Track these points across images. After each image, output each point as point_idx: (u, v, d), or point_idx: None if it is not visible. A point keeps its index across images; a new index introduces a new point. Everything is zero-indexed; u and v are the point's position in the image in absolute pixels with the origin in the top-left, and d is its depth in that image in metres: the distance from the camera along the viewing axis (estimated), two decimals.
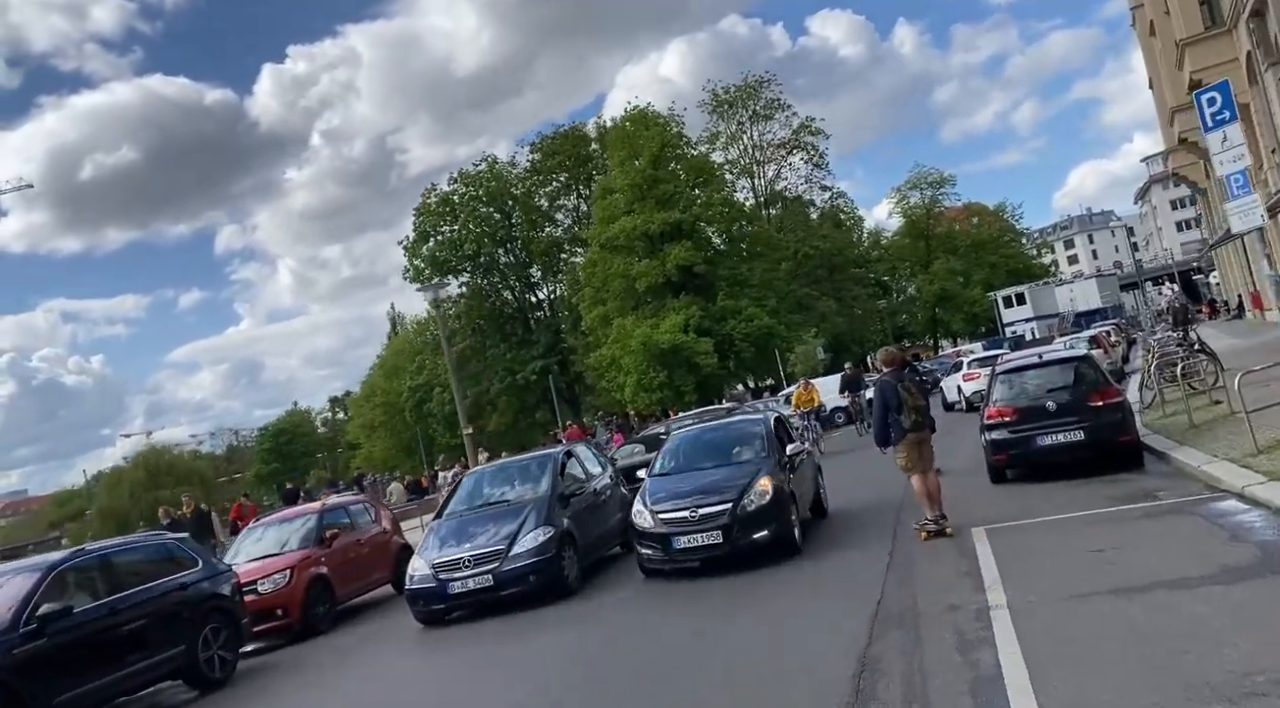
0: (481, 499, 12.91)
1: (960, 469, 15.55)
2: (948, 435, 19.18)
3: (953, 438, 19.93)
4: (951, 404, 31.00)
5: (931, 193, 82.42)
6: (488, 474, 13.79)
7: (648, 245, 52.23)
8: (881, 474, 15.53)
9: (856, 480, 17.68)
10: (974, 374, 28.94)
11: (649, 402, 49.67)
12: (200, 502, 27.77)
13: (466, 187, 64.68)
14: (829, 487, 15.09)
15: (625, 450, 24.46)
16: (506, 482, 13.20)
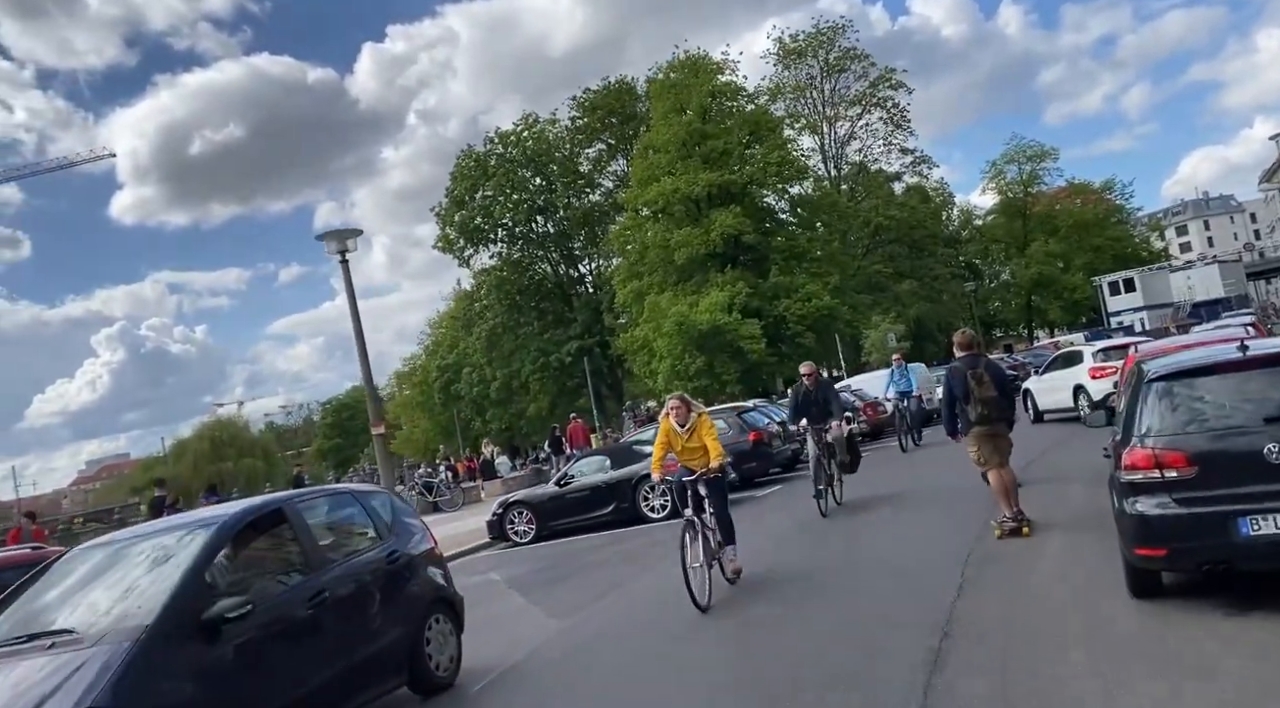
0: (34, 622, 6.01)
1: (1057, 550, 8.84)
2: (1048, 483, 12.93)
3: (1053, 482, 13.31)
4: (1043, 413, 22.77)
5: (1031, 168, 73.77)
6: (96, 559, 6.75)
7: (691, 211, 45.34)
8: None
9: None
10: (1106, 369, 19.60)
11: (684, 390, 42.89)
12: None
13: (505, 147, 58.53)
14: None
15: (585, 465, 17.75)
16: (118, 575, 6.32)
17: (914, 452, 21.13)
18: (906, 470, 17.82)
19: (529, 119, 59.09)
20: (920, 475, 16.73)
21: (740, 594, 9.20)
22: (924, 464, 18.13)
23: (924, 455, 19.67)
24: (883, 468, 18.05)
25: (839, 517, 13.30)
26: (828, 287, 43.91)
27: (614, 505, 16.71)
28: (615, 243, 47.70)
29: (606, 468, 17.05)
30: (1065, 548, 8.83)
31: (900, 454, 20.40)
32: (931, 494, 14.00)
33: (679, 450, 9.68)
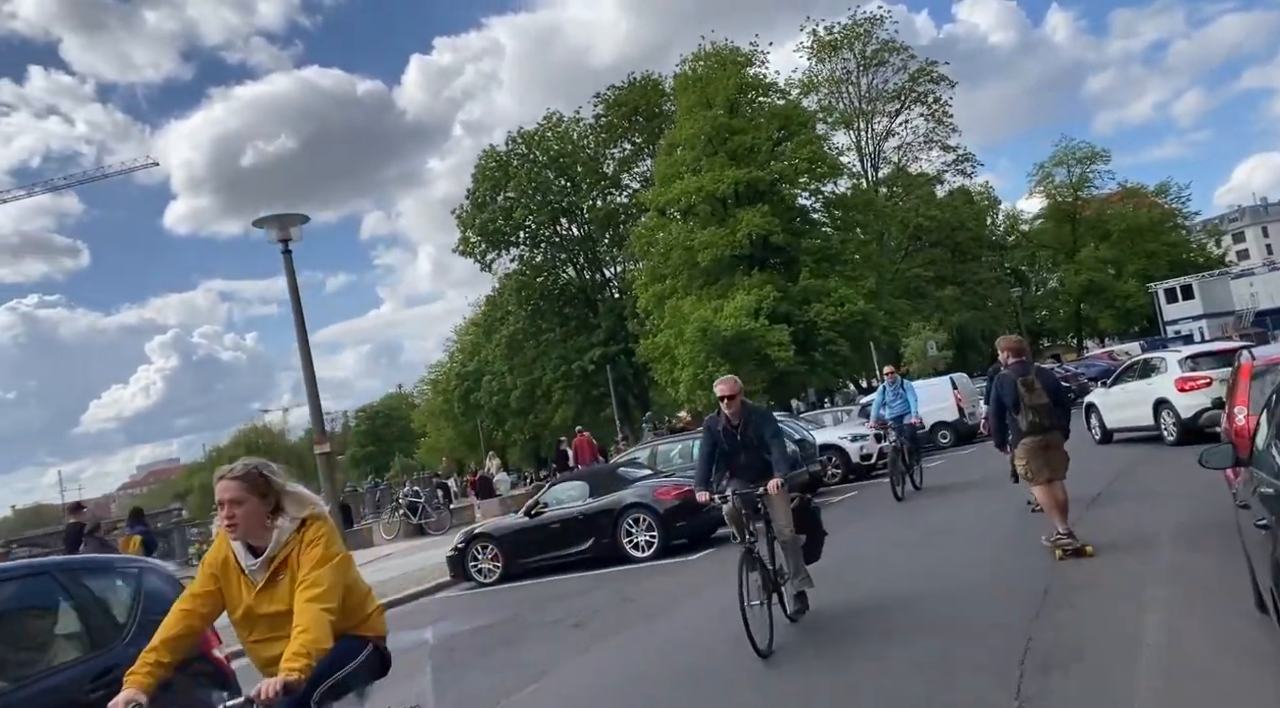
0: None
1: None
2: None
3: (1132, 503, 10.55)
4: (1112, 431, 19.24)
5: (1080, 170, 70.21)
6: None
7: (716, 210, 42.70)
8: None
9: None
10: (1199, 380, 16.28)
11: (708, 401, 40.11)
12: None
13: (529, 148, 56.26)
14: None
15: (561, 491, 15.18)
16: None
17: (914, 499, 15.92)
18: (906, 537, 12.16)
19: (552, 118, 56.85)
20: (933, 549, 10.90)
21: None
22: (934, 526, 12.78)
23: (930, 506, 14.81)
24: (870, 534, 12.95)
25: (786, 662, 7.16)
26: (862, 291, 41.01)
27: (592, 541, 14.12)
28: (637, 244, 45.11)
29: (585, 496, 14.45)
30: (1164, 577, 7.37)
31: (895, 505, 15.43)
32: (966, 597, 8.12)
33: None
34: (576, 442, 28.54)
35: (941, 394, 27.09)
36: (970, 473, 18.52)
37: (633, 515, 13.89)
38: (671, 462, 17.21)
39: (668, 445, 17.91)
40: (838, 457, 20.76)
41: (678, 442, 17.92)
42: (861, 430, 21.46)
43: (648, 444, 18.92)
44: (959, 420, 26.67)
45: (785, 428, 19.63)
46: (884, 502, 16.18)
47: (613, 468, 15.58)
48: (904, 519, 13.98)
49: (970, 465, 20.49)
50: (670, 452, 17.51)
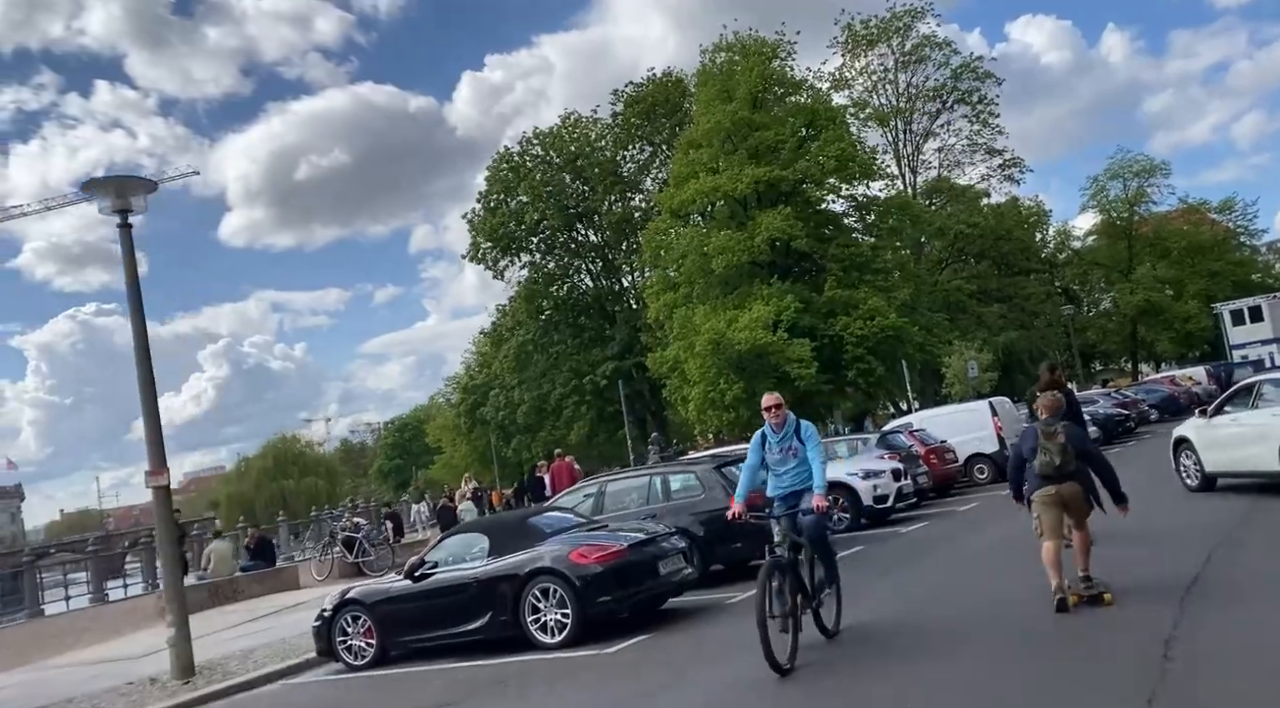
0: None
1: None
2: None
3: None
4: (1213, 476, 14.02)
5: (1137, 184, 65.54)
6: None
7: (736, 212, 38.95)
8: None
9: None
10: None
11: (719, 423, 36.36)
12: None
13: (545, 149, 52.93)
14: None
15: (455, 545, 11.40)
16: None
17: (927, 532, 12.51)
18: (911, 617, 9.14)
19: (569, 118, 53.44)
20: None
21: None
22: (942, 595, 10.00)
23: (942, 566, 11.32)
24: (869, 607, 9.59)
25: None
26: (895, 303, 36.95)
27: (488, 618, 10.34)
28: (647, 249, 41.39)
29: (482, 554, 10.70)
30: None
31: (908, 557, 12.18)
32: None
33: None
34: (555, 467, 24.74)
35: (979, 421, 23.12)
36: (1005, 522, 14.58)
37: (541, 585, 10.12)
38: (624, 505, 13.45)
39: (621, 483, 14.10)
40: (846, 497, 16.85)
41: (639, 477, 14.12)
42: (877, 464, 17.56)
43: (595, 480, 15.12)
44: (999, 452, 22.59)
45: None
46: (900, 556, 12.40)
47: (524, 516, 11.75)
48: (908, 588, 10.13)
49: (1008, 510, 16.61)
50: (625, 492, 13.74)
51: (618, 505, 13.47)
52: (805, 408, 36.31)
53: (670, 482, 13.22)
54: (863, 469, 17.03)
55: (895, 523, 16.89)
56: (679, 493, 13.08)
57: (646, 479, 13.52)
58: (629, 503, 13.46)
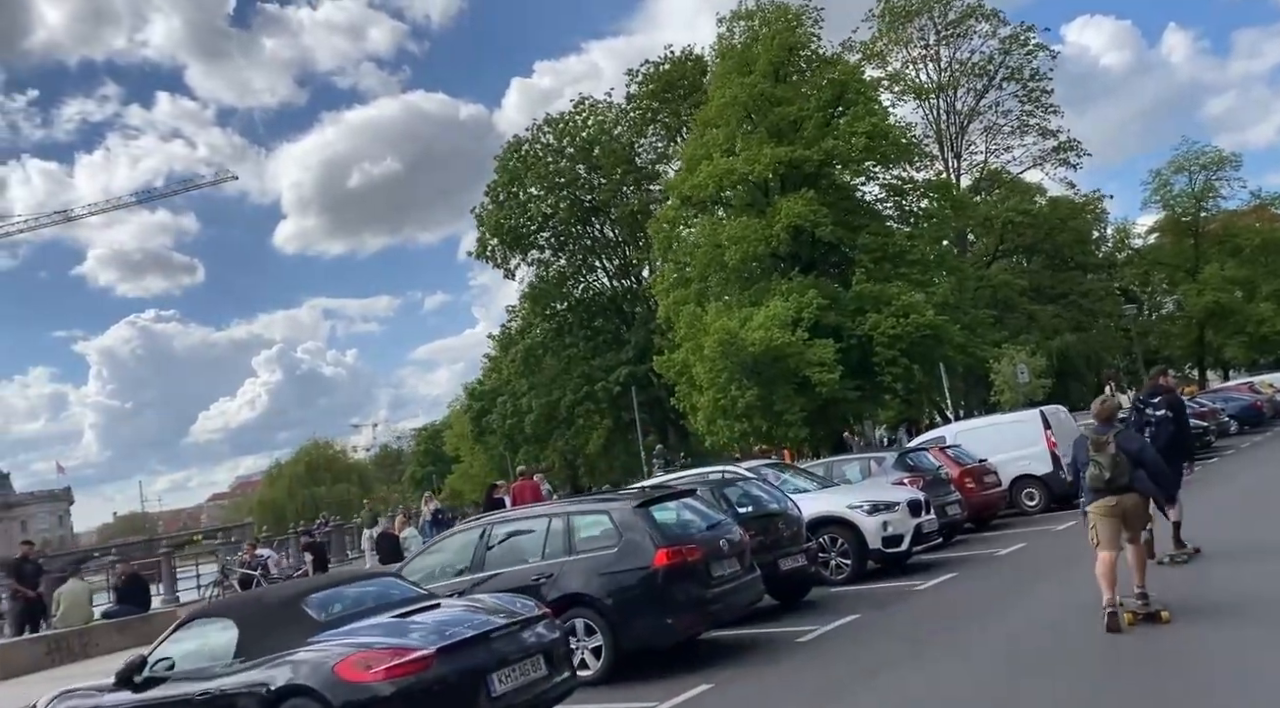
0: None
1: None
2: None
3: None
4: None
5: (1205, 177, 60.30)
6: None
7: (755, 197, 34.88)
8: None
9: None
10: None
11: (729, 434, 32.20)
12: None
13: (558, 138, 49.25)
14: None
15: (188, 643, 7.39)
16: None
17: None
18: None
19: (582, 103, 49.68)
20: None
21: None
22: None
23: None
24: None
25: None
26: (932, 299, 32.58)
27: None
28: (656, 240, 37.36)
29: (228, 653, 6.78)
30: None
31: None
32: None
33: None
34: (516, 488, 20.80)
35: (1028, 435, 18.73)
36: (1063, 573, 10.55)
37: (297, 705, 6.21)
38: (512, 559, 9.41)
39: (511, 526, 9.99)
40: (846, 538, 12.70)
41: (536, 518, 10.03)
42: (889, 493, 13.38)
43: (478, 520, 10.99)
44: (1053, 474, 18.26)
45: (746, 489, 11.76)
46: (903, 636, 8.37)
47: (297, 594, 7.57)
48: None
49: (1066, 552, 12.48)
50: (515, 540, 9.63)
51: (504, 560, 9.45)
52: (829, 418, 32.16)
53: (574, 526, 9.19)
54: (869, 500, 12.84)
55: (911, 572, 12.73)
56: (587, 543, 9.07)
57: (545, 522, 9.48)
58: (518, 556, 9.45)
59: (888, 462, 15.73)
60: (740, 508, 11.28)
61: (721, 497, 11.01)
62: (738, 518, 10.75)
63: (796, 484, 14.13)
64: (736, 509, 10.97)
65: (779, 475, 14.28)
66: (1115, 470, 8.03)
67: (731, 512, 10.85)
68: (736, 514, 10.85)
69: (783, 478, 14.16)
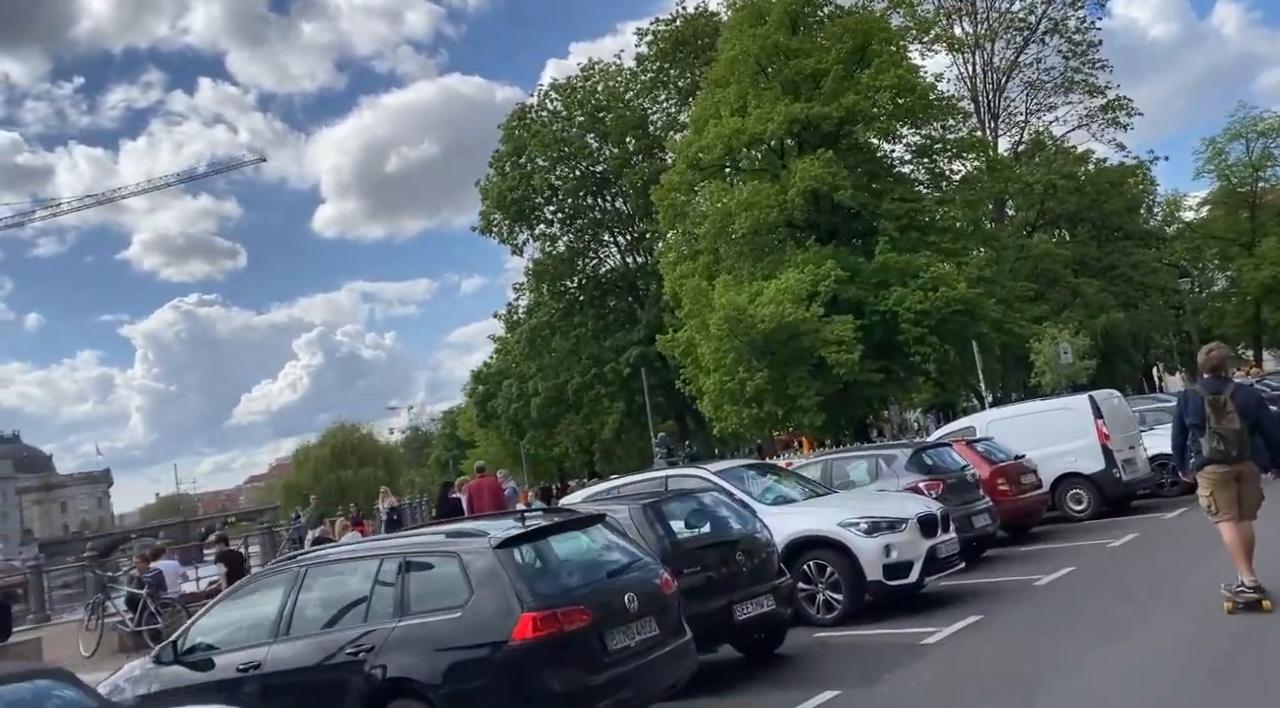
0: None
1: None
2: None
3: None
4: None
5: (1263, 146, 56.21)
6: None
7: (770, 160, 31.76)
8: None
9: None
10: None
11: (738, 420, 29.17)
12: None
13: (567, 105, 46.28)
14: None
15: None
16: None
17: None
18: None
19: (590, 67, 46.63)
20: None
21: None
22: None
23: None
24: None
25: None
26: (964, 270, 29.28)
27: None
28: (660, 209, 34.26)
29: None
30: None
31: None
32: None
33: None
34: (473, 487, 17.98)
35: (1074, 425, 15.56)
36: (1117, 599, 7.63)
37: None
38: (321, 620, 6.58)
39: (330, 571, 7.02)
40: (836, 565, 9.70)
41: (362, 558, 6.99)
42: (894, 506, 10.32)
43: (295, 557, 8.06)
44: (1105, 472, 15.11)
45: (698, 505, 8.84)
46: None
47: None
48: None
49: (1124, 573, 9.48)
50: (331, 590, 6.72)
51: (316, 621, 6.57)
52: (850, 403, 29.04)
53: (410, 573, 6.25)
54: (867, 516, 9.78)
55: (922, 609, 9.72)
56: (425, 600, 6.13)
57: (375, 566, 6.55)
58: (334, 616, 6.55)
59: (899, 461, 12.63)
60: (687, 531, 8.36)
61: (655, 520, 8.04)
62: (674, 549, 7.84)
63: (781, 491, 11.13)
64: (672, 536, 8.02)
65: (760, 479, 11.27)
66: (1240, 444, 7.65)
67: (667, 539, 7.92)
68: (672, 542, 7.92)
69: (765, 484, 11.16)
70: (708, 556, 8.09)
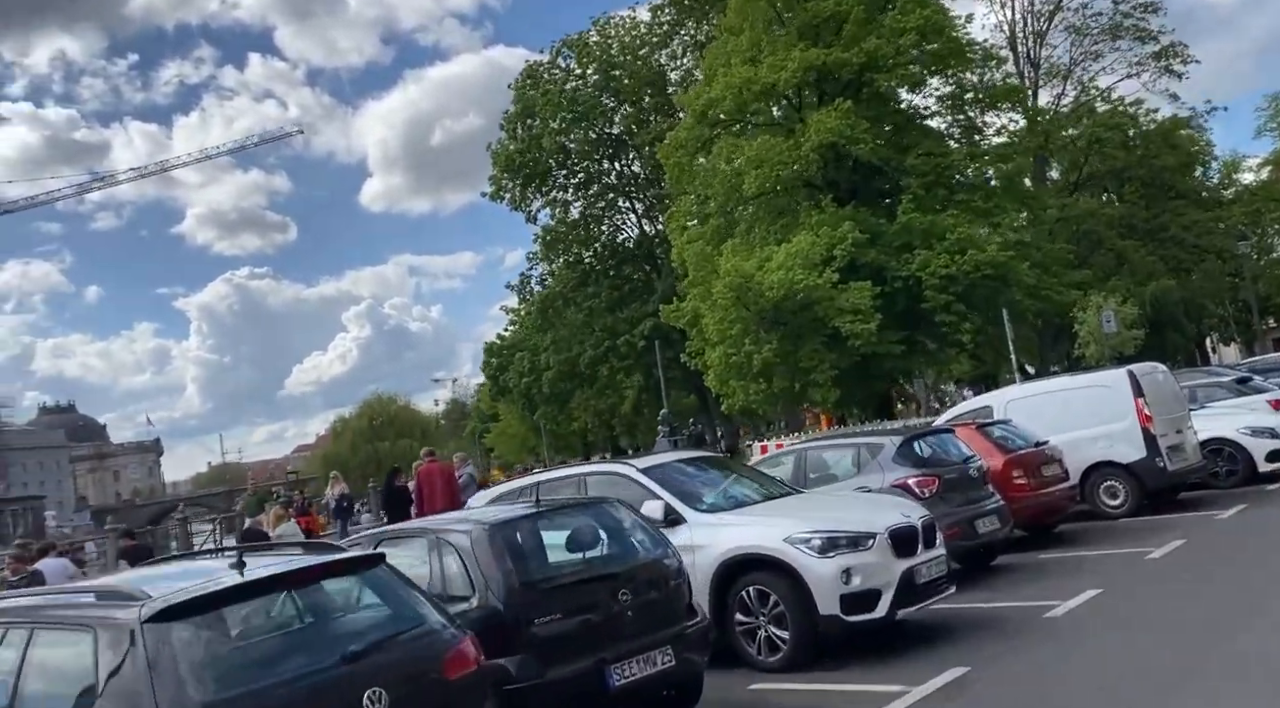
0: None
1: None
2: None
3: None
4: None
5: None
6: None
7: (788, 114, 29.25)
8: None
9: None
10: None
11: (745, 397, 26.87)
12: None
13: (580, 62, 43.91)
14: None
15: None
16: None
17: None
18: None
19: (605, 23, 44.11)
20: None
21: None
22: None
23: None
24: None
25: None
26: (998, 231, 26.60)
27: None
28: (667, 168, 31.85)
29: None
30: None
31: None
32: None
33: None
34: (423, 472, 15.95)
35: (1110, 404, 13.13)
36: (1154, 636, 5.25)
37: None
38: None
39: (256, 607, 4.88)
40: (781, 593, 7.49)
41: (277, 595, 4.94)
42: (863, 514, 8.04)
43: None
44: (1146, 460, 12.67)
45: (586, 522, 6.60)
46: None
47: None
48: None
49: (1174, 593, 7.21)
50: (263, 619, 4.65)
51: None
52: (870, 377, 26.63)
53: (33, 650, 4.15)
54: (823, 530, 7.53)
55: (893, 653, 7.49)
56: (50, 688, 4.05)
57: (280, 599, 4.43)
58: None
59: (886, 451, 10.29)
60: (549, 563, 6.18)
61: (502, 549, 5.85)
62: (524, 590, 5.70)
63: (736, 492, 8.89)
64: (524, 571, 5.83)
65: (700, 478, 9.02)
66: None
67: (515, 576, 5.75)
68: (524, 581, 5.76)
69: (706, 484, 8.90)
70: (576, 596, 5.91)
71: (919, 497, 9.68)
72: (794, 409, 32.81)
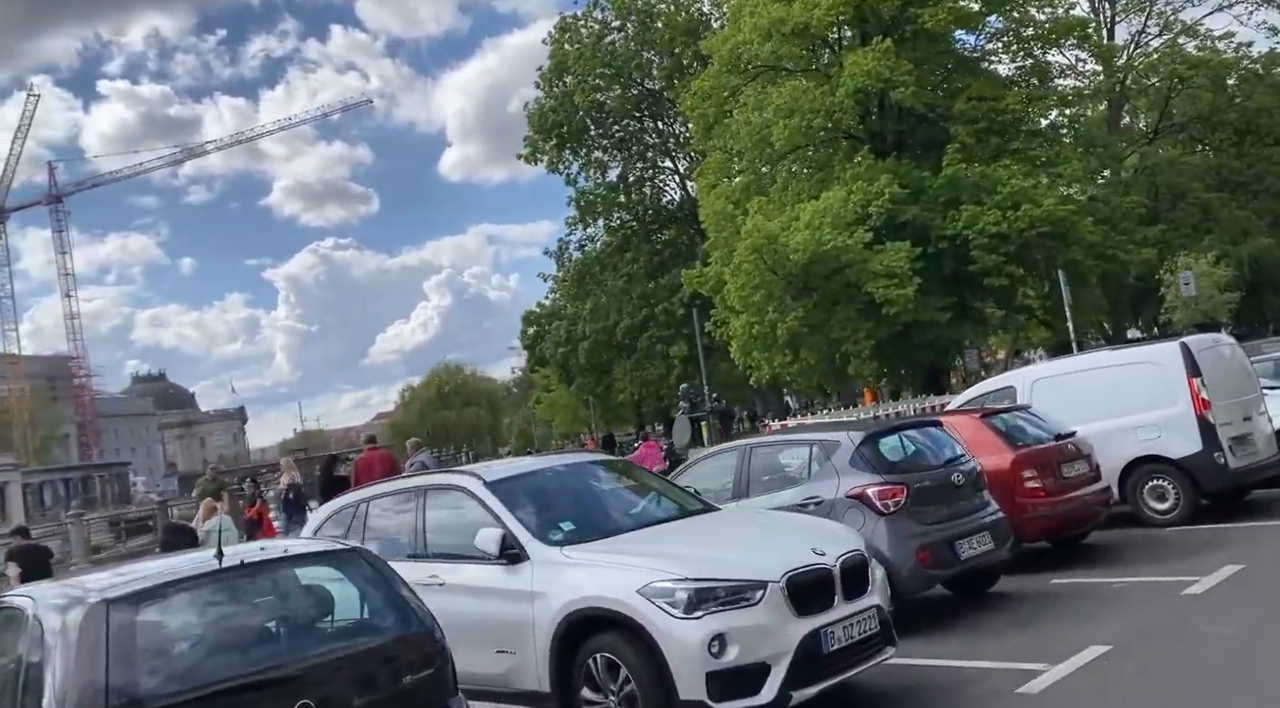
0: None
1: None
2: None
3: None
4: None
5: None
6: None
7: (820, 56, 26.56)
8: None
9: None
10: None
11: (769, 369, 24.51)
12: None
13: (620, 15, 41.56)
14: None
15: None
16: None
17: None
18: None
19: None
20: None
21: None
22: None
23: None
24: None
25: None
26: (1055, 184, 23.62)
27: None
28: (693, 121, 29.38)
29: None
30: None
31: None
32: None
33: None
34: (363, 460, 14.11)
35: (1159, 387, 10.53)
36: None
37: None
38: None
39: None
40: (633, 664, 5.34)
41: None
42: (764, 549, 5.81)
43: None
44: (1202, 454, 10.08)
45: (289, 586, 4.35)
46: None
47: None
48: None
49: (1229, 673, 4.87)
50: None
51: None
52: (913, 348, 24.07)
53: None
54: (692, 578, 5.36)
55: None
56: None
57: None
58: None
59: (842, 450, 7.98)
60: (223, 652, 4.12)
61: (100, 638, 3.83)
62: None
63: (617, 514, 6.76)
64: (129, 688, 3.78)
65: (588, 487, 6.92)
66: None
67: (102, 683, 3.71)
68: (131, 699, 3.72)
69: (584, 499, 6.79)
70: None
71: (879, 511, 7.45)
72: (843, 382, 30.39)
